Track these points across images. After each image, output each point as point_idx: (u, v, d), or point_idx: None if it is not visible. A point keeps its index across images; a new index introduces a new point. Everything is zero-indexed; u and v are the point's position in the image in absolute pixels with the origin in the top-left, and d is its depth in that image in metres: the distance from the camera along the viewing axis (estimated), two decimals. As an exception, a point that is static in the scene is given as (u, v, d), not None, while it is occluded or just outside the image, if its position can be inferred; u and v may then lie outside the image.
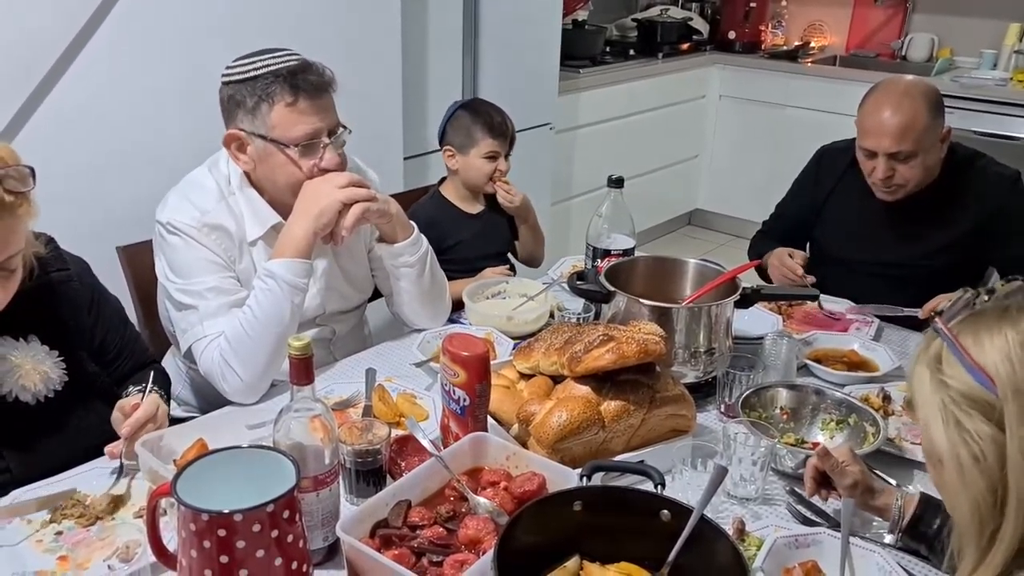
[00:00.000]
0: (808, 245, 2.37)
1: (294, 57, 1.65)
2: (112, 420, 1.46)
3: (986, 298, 0.93)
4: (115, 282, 1.76)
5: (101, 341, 1.58)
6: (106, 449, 1.42)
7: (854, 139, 2.17)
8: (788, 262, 2.17)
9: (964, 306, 0.93)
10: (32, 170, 1.27)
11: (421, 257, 1.81)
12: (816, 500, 1.35)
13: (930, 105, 1.99)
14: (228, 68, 1.65)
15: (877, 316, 2.02)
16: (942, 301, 1.91)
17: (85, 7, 2.00)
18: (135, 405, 1.42)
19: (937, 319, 0.92)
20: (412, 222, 1.83)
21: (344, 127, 1.71)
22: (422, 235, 1.83)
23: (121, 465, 1.37)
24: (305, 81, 1.61)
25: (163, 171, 1.78)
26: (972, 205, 2.10)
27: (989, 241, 2.10)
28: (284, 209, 1.71)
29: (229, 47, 1.71)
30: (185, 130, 2.09)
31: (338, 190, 1.64)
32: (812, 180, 2.34)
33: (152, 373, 1.54)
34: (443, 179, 2.40)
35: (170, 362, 1.84)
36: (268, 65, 1.61)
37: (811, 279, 2.13)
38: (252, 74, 1.61)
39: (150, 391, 1.47)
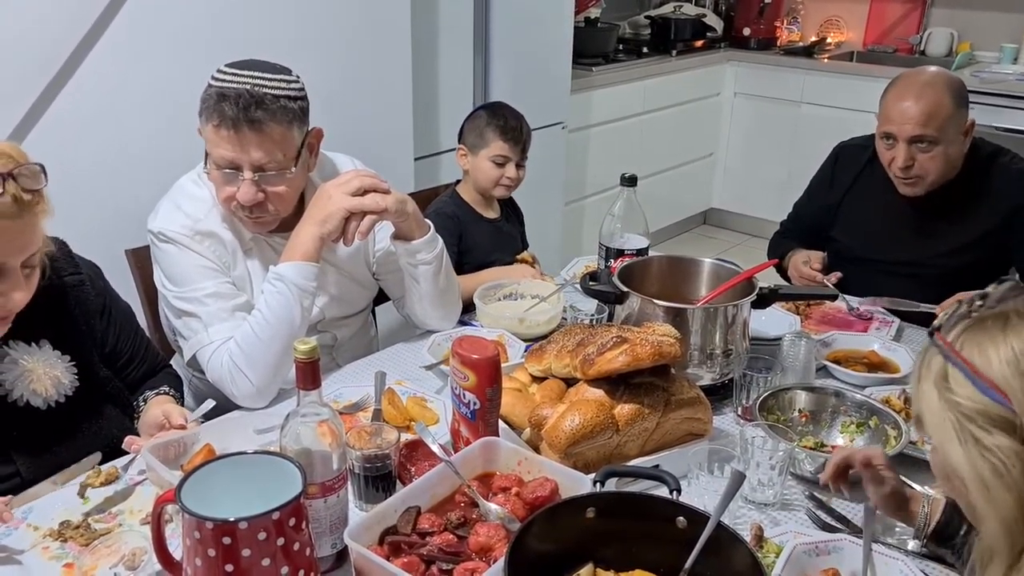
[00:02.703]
0: (827, 244, 2.34)
1: (250, 81, 1.56)
2: (148, 419, 1.49)
3: (980, 303, 0.89)
4: (124, 285, 1.75)
5: (113, 346, 1.57)
6: (126, 440, 1.41)
7: (872, 135, 2.14)
8: (806, 271, 2.15)
9: (961, 318, 0.88)
10: (43, 167, 1.26)
11: (438, 255, 1.80)
12: (836, 506, 1.31)
13: (954, 95, 1.97)
14: (216, 69, 1.62)
15: (889, 310, 1.99)
16: (956, 301, 1.87)
17: (91, 10, 2.00)
18: (181, 425, 1.43)
19: (936, 335, 0.89)
20: (427, 221, 1.81)
21: (289, 165, 1.62)
22: (437, 234, 1.81)
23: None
24: (227, 111, 1.54)
25: (171, 173, 1.77)
26: (994, 203, 2.06)
27: (1011, 239, 2.06)
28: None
29: (238, 48, 1.70)
30: (194, 132, 2.08)
31: (346, 198, 1.62)
32: (829, 179, 2.30)
33: (209, 402, 1.56)
34: (458, 181, 2.38)
35: (175, 368, 1.83)
36: (224, 82, 1.57)
37: (834, 278, 2.10)
38: (212, 83, 1.58)
39: (199, 420, 1.48)
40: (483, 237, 2.29)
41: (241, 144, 1.57)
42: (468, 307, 1.97)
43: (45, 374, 1.41)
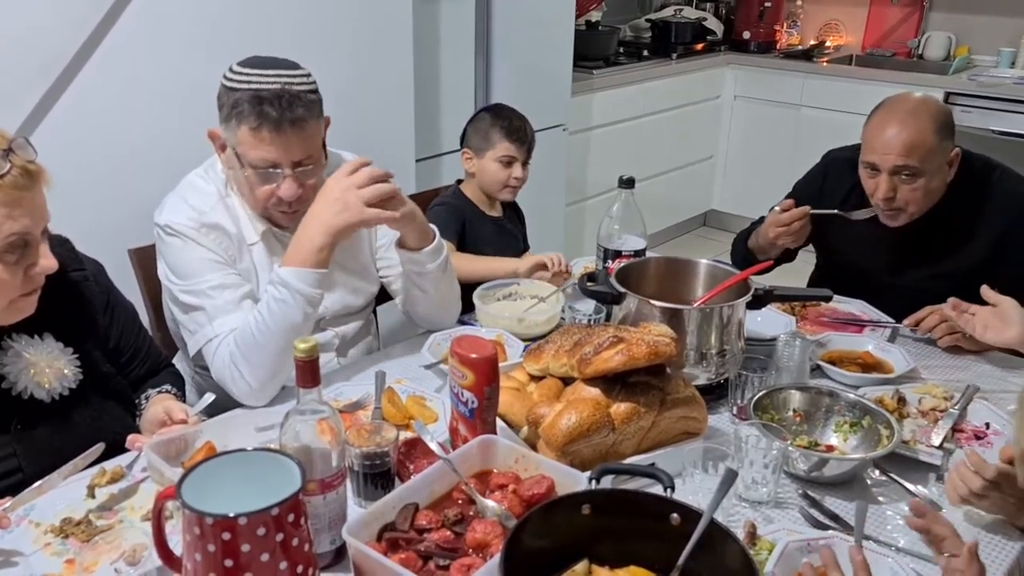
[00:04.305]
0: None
1: (279, 80, 1.58)
2: (150, 416, 1.50)
3: None
4: (127, 284, 1.77)
5: (116, 343, 1.59)
6: (129, 438, 1.43)
7: (860, 145, 2.13)
8: (784, 217, 2.07)
9: None
10: (26, 138, 1.30)
11: (441, 263, 1.80)
12: (829, 504, 1.33)
13: (938, 126, 1.91)
14: (229, 70, 1.64)
15: (856, 322, 1.99)
16: (927, 313, 1.88)
17: (97, 9, 2.01)
18: (183, 420, 1.45)
19: None
20: (433, 226, 1.81)
21: (323, 158, 1.67)
22: (442, 240, 1.82)
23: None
24: (269, 112, 1.56)
25: (175, 173, 1.78)
26: (985, 226, 2.01)
27: (998, 268, 2.00)
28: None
29: (241, 48, 1.71)
30: (197, 131, 2.09)
31: (363, 209, 1.58)
32: (818, 190, 2.25)
33: (209, 396, 1.57)
34: (460, 181, 2.40)
35: (177, 366, 1.84)
36: (251, 82, 1.58)
37: (806, 208, 2.07)
38: (235, 86, 1.59)
39: (200, 414, 1.50)
40: (486, 234, 2.31)
41: (284, 144, 1.59)
42: (468, 307, 1.99)
43: (48, 367, 1.43)
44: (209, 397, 1.55)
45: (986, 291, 1.70)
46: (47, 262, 1.34)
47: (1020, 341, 1.63)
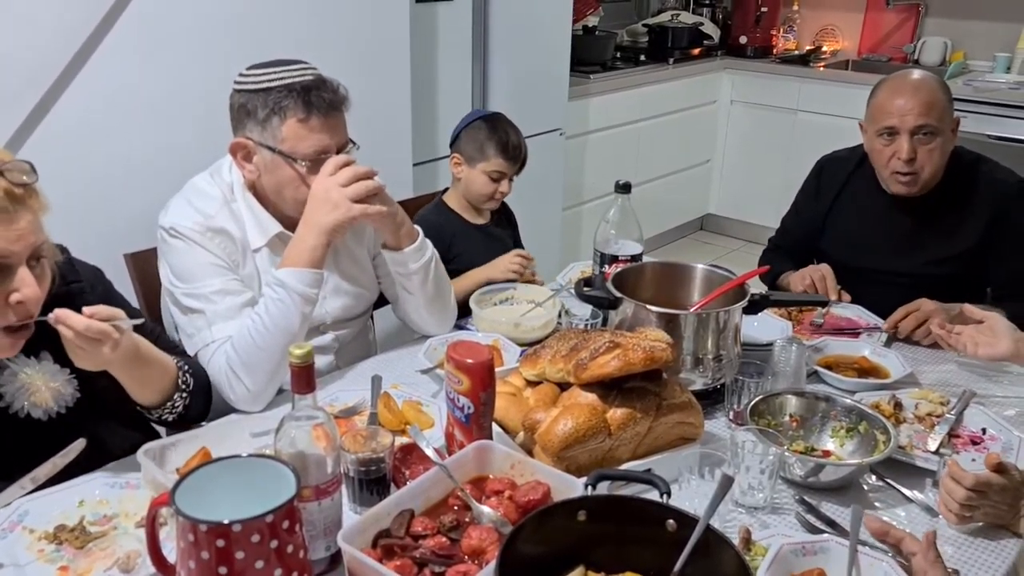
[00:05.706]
0: (815, 257, 2.34)
1: (310, 71, 1.65)
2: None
3: None
4: (123, 289, 1.75)
5: None
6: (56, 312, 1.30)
7: (855, 147, 2.16)
8: (819, 282, 2.09)
9: None
10: (31, 164, 1.27)
11: (425, 264, 1.80)
12: (825, 509, 1.32)
13: (944, 90, 2.03)
14: (242, 75, 1.66)
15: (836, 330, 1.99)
16: (903, 316, 1.91)
17: (93, 15, 2.01)
18: (113, 315, 1.32)
19: None
20: (417, 227, 1.82)
21: (353, 143, 1.72)
22: (427, 240, 1.82)
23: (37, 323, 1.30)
24: (319, 99, 1.61)
25: (173, 178, 1.78)
26: (977, 213, 2.07)
27: (989, 253, 2.08)
28: (284, 218, 1.71)
29: (239, 56, 1.71)
30: (195, 137, 2.10)
31: (352, 205, 1.60)
32: (814, 192, 2.32)
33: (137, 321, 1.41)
34: (446, 189, 2.39)
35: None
36: (283, 78, 1.61)
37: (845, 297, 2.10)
38: (266, 85, 1.61)
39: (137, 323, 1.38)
40: (473, 243, 2.29)
41: (334, 126, 1.65)
42: (464, 311, 1.98)
43: (46, 386, 1.41)
44: (138, 321, 1.41)
45: (969, 309, 1.72)
46: (28, 291, 1.26)
47: (1012, 354, 1.63)
